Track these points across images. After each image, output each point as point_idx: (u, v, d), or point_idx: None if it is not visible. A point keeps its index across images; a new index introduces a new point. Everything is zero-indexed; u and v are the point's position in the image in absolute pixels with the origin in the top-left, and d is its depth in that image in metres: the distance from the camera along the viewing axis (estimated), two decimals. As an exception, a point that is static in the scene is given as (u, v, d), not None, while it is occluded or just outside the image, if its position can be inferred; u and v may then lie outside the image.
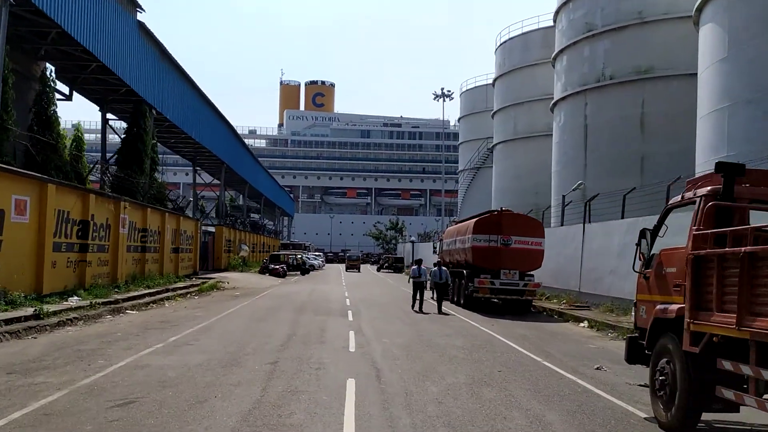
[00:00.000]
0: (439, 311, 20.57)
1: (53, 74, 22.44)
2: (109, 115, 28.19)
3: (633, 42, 28.38)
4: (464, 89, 61.48)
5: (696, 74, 21.58)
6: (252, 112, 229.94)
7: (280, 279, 40.81)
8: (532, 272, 21.67)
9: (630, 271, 8.96)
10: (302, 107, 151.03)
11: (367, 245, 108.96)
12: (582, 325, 17.98)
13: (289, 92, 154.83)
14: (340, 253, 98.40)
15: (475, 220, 22.53)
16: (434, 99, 75.72)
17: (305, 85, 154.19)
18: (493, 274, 21.23)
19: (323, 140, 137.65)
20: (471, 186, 59.38)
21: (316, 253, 74.70)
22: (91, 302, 16.29)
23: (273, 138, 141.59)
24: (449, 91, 75.40)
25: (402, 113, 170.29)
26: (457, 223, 27.13)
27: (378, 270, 64.48)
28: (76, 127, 29.09)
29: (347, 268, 60.03)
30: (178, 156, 47.33)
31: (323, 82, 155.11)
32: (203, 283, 28.95)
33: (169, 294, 22.66)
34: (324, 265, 69.22)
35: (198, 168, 44.13)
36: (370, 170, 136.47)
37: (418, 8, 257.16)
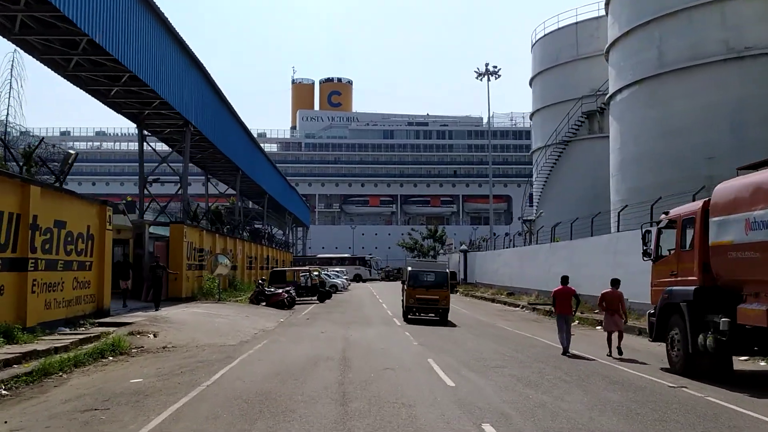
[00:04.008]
0: None
1: None
2: None
3: None
4: (539, 36, 44.38)
5: None
6: (261, 115, 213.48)
7: (283, 313, 23.77)
8: None
9: None
10: (317, 107, 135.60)
11: (394, 259, 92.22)
12: None
13: (301, 91, 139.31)
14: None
15: None
16: (477, 78, 60.02)
17: (320, 83, 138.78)
18: None
19: (341, 143, 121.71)
20: (556, 168, 42.04)
21: (338, 270, 57.62)
22: None
23: (285, 141, 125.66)
24: (495, 67, 59.53)
25: (428, 111, 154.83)
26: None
27: (422, 289, 47.21)
28: None
29: (408, 312, 21.41)
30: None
31: (339, 80, 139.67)
32: (79, 343, 12.08)
33: None
34: (348, 284, 52.22)
35: (148, 133, 27.38)
36: (395, 175, 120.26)
37: None
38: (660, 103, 27.47)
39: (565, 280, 14.37)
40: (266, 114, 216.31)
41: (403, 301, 22.31)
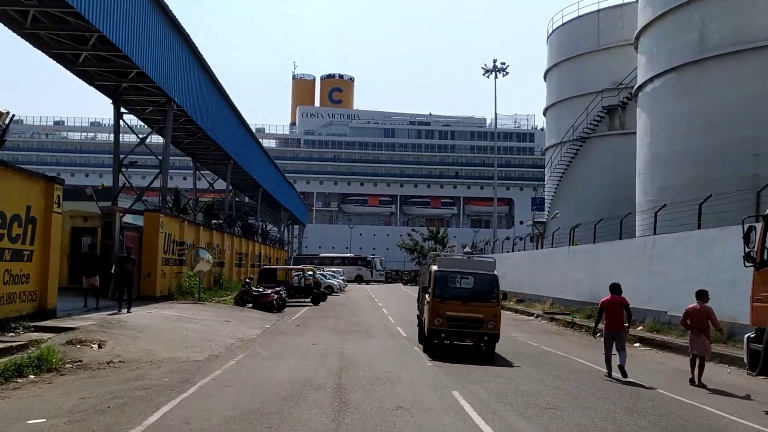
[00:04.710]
0: None
1: None
2: None
3: None
4: (556, 25, 41.49)
5: None
6: (260, 110, 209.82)
7: (270, 317, 20.83)
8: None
9: None
10: (317, 104, 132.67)
11: (392, 261, 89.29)
12: None
13: (302, 87, 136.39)
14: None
15: None
16: (484, 74, 57.64)
17: (321, 79, 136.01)
18: None
19: (341, 140, 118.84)
20: (572, 167, 39.09)
21: (334, 270, 54.72)
22: None
23: (284, 137, 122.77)
24: (503, 63, 57.02)
25: (431, 110, 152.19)
26: None
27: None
28: None
29: (434, 336, 13.24)
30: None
31: (341, 76, 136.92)
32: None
33: None
34: (345, 286, 49.36)
35: (126, 111, 24.35)
36: (395, 175, 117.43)
37: None
38: (700, 93, 24.57)
39: (615, 288, 11.55)
40: (266, 109, 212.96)
41: (422, 319, 14.85)
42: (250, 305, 23.24)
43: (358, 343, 14.49)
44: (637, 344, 17.21)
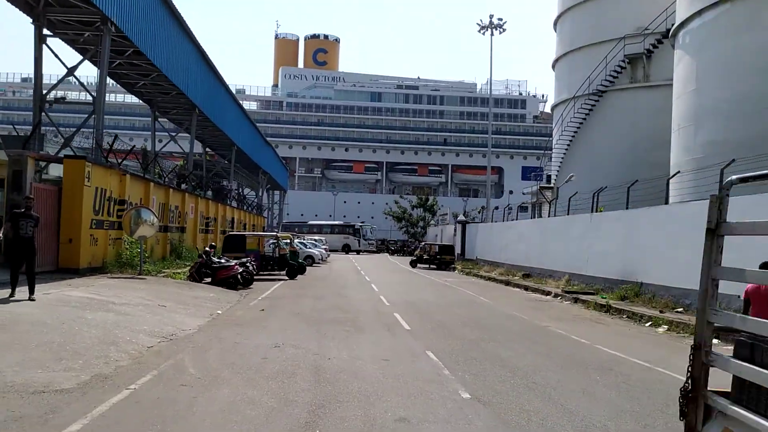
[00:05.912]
0: None
1: None
2: None
3: None
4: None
5: None
6: (241, 70, 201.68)
7: (230, 296, 16.19)
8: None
9: None
10: (301, 65, 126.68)
11: (378, 230, 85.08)
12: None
13: (285, 47, 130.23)
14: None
15: None
16: (479, 31, 52.95)
17: (305, 39, 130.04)
18: None
19: (325, 103, 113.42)
20: (585, 126, 34.45)
21: (315, 238, 50.31)
22: None
23: (265, 100, 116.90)
24: (500, 19, 52.37)
25: (419, 74, 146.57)
26: None
27: (413, 265, 40.37)
28: None
29: None
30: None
31: (326, 37, 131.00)
32: None
33: None
34: (328, 256, 44.92)
35: (50, 33, 19.09)
36: (381, 140, 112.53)
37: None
38: (764, 26, 19.97)
39: (772, 269, 6.98)
40: (247, 70, 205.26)
41: None
42: (208, 280, 18.63)
43: (342, 343, 9.92)
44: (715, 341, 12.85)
